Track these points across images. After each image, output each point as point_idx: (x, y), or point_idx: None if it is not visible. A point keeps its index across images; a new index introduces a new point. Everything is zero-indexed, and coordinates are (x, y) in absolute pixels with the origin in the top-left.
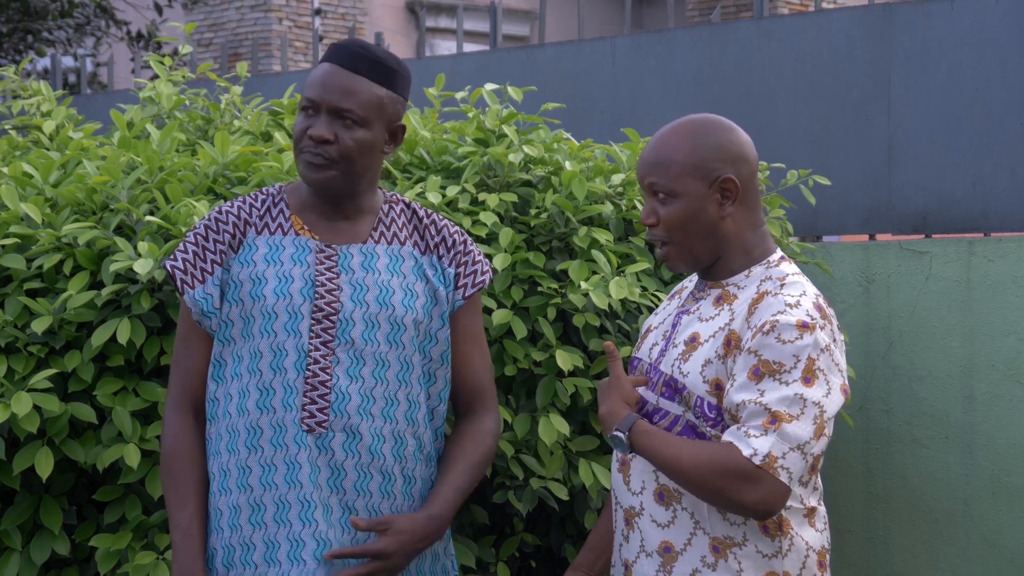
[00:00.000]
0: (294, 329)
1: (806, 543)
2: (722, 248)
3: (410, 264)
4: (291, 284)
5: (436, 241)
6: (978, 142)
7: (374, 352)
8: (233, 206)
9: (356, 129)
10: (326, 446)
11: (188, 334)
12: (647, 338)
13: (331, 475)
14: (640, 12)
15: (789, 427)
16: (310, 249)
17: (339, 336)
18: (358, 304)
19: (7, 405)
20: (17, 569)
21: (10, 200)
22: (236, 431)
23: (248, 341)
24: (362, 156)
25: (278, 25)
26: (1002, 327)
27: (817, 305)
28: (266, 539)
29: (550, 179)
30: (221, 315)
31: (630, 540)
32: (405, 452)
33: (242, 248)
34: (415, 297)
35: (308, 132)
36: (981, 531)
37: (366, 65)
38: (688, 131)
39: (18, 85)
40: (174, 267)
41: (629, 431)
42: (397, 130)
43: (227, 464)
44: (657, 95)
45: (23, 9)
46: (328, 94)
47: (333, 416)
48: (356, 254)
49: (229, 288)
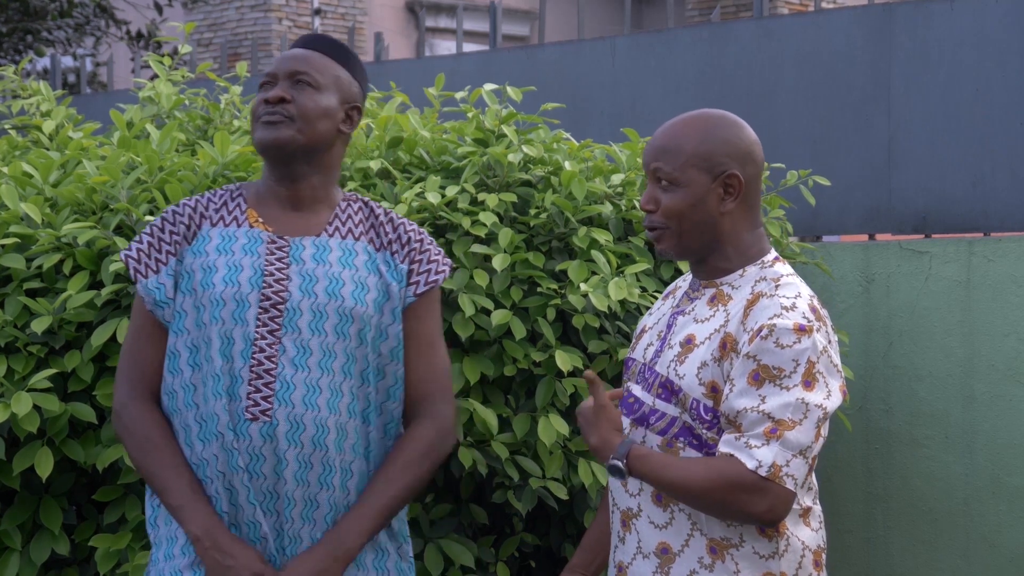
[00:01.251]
0: (241, 318)
1: (802, 543)
2: (715, 244)
3: (363, 259)
4: (240, 273)
5: (391, 238)
6: (978, 142)
7: (321, 342)
8: (192, 200)
9: (312, 91)
10: (270, 434)
11: (143, 325)
12: (642, 338)
13: (276, 463)
14: (640, 12)
15: (791, 434)
16: (262, 240)
17: (286, 325)
18: (306, 295)
19: (7, 405)
20: (17, 569)
21: (10, 200)
22: (188, 425)
23: (201, 330)
24: (319, 118)
25: (278, 25)
26: (1002, 327)
27: (812, 307)
28: (247, 520)
29: (550, 179)
30: (175, 305)
31: (626, 542)
32: (346, 444)
33: (196, 239)
34: (366, 291)
35: (264, 97)
36: (981, 531)
37: (322, 45)
38: (700, 123)
39: (18, 85)
40: (128, 256)
41: (626, 458)
42: (353, 112)
43: (202, 454)
44: (657, 95)
45: (23, 9)
46: (285, 64)
47: (277, 405)
48: (308, 246)
49: (182, 279)
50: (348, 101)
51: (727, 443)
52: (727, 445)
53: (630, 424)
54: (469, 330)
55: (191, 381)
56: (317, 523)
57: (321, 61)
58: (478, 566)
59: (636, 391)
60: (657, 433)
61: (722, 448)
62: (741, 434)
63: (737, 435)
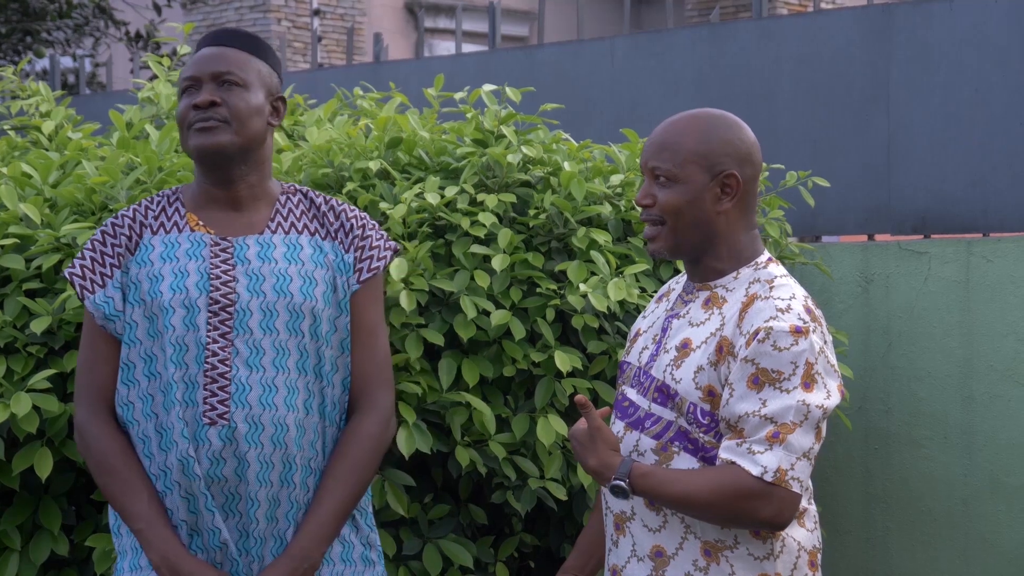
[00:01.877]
0: (192, 323)
1: (797, 543)
2: (709, 243)
3: (309, 252)
4: (187, 279)
5: (335, 227)
6: (977, 143)
7: (273, 341)
8: (129, 210)
9: (240, 91)
10: (230, 437)
11: (95, 341)
12: (636, 342)
13: (236, 465)
14: (639, 12)
15: (793, 437)
16: (205, 243)
17: (237, 327)
18: (255, 294)
19: (6, 405)
20: (16, 569)
21: (9, 200)
22: (148, 436)
23: (154, 340)
24: (252, 117)
25: (277, 26)
26: (1001, 327)
27: (807, 307)
28: (208, 527)
29: (549, 180)
30: (125, 317)
31: (620, 545)
32: (305, 441)
33: (139, 249)
34: (314, 285)
35: (193, 103)
36: (980, 531)
37: (237, 40)
38: (702, 122)
39: (17, 86)
40: (72, 274)
41: (628, 477)
42: (279, 103)
43: (164, 463)
44: (656, 95)
45: (22, 10)
46: (207, 65)
47: (234, 407)
48: (252, 245)
49: (129, 290)
50: (272, 93)
51: (728, 449)
52: (729, 451)
53: (624, 428)
54: (471, 332)
55: (148, 392)
56: (280, 522)
57: (239, 57)
58: (477, 566)
59: (631, 395)
60: (652, 437)
61: (723, 455)
62: (743, 440)
63: (739, 441)
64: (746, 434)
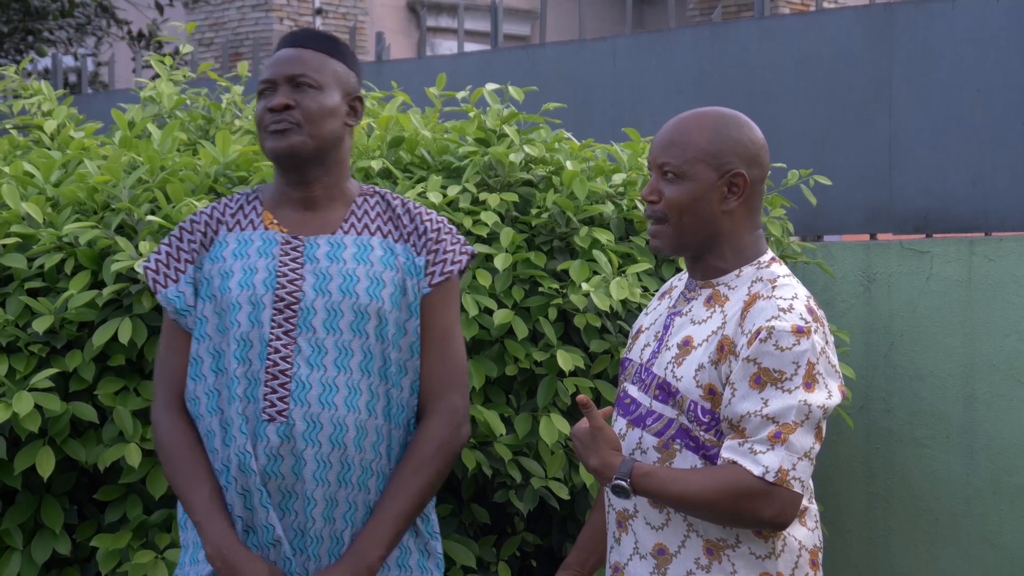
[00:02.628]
0: (257, 320)
1: (798, 542)
2: (713, 242)
3: (379, 254)
4: (255, 275)
5: (409, 230)
6: (979, 142)
7: (336, 341)
8: (208, 207)
9: (315, 93)
10: (287, 435)
11: (170, 334)
12: (638, 339)
13: (294, 463)
14: (641, 12)
15: (795, 437)
16: (276, 242)
17: (300, 325)
18: (320, 293)
19: (8, 405)
20: (18, 568)
21: (11, 200)
22: (212, 431)
23: (222, 335)
24: (325, 119)
25: (279, 25)
26: (1003, 327)
27: (808, 307)
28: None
29: (551, 179)
30: (196, 312)
31: (622, 543)
32: (366, 443)
33: (214, 246)
34: (382, 286)
35: (268, 106)
36: (982, 531)
37: (314, 41)
38: (711, 120)
39: (19, 85)
40: (147, 268)
41: (630, 476)
42: (356, 103)
43: (226, 458)
44: (658, 95)
45: (24, 9)
46: (282, 68)
47: (293, 405)
48: (323, 244)
49: (201, 285)
50: (349, 93)
51: (731, 449)
52: (731, 451)
53: (626, 425)
54: (473, 330)
55: (214, 387)
56: (337, 522)
57: (316, 59)
58: (479, 566)
59: (632, 392)
60: (654, 434)
61: (725, 454)
62: (745, 439)
63: (741, 440)
64: (748, 434)
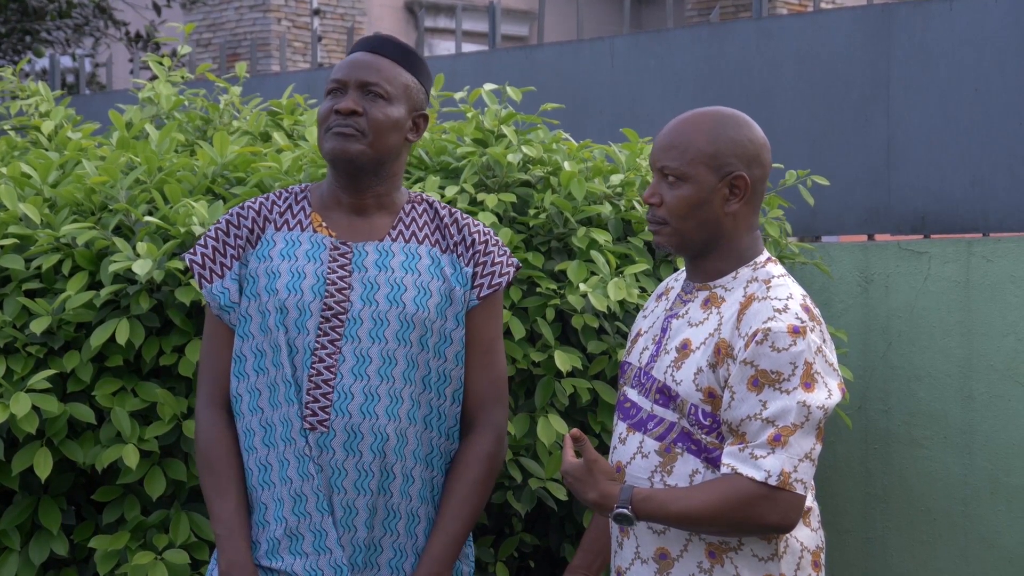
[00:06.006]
0: (303, 326)
1: (800, 543)
2: (715, 243)
3: (427, 263)
4: (303, 280)
5: (456, 240)
6: (977, 142)
7: (381, 350)
8: (255, 202)
9: (384, 104)
10: (327, 445)
11: (214, 330)
12: (637, 342)
13: (332, 474)
14: (639, 12)
15: (795, 439)
16: (325, 246)
17: (346, 335)
18: (367, 303)
19: (6, 405)
20: (16, 569)
21: (9, 200)
22: (252, 430)
23: (266, 336)
24: (389, 132)
25: (277, 25)
26: (1001, 327)
27: (804, 307)
28: (311, 529)
29: (549, 179)
30: (240, 310)
31: (624, 547)
32: (406, 451)
33: (260, 243)
34: (428, 296)
35: (335, 107)
36: (980, 531)
37: (392, 50)
38: (711, 121)
39: (16, 85)
40: (193, 261)
41: (630, 503)
42: (420, 120)
43: (265, 459)
44: (656, 95)
45: (21, 9)
46: (356, 72)
47: (334, 415)
48: (371, 252)
49: (247, 283)
50: (416, 109)
51: (731, 455)
52: (731, 457)
53: (627, 429)
54: None
55: (257, 386)
56: (375, 529)
57: (391, 69)
58: (477, 566)
59: (632, 395)
60: (655, 438)
61: (726, 460)
62: (745, 444)
63: (741, 445)
64: (748, 438)
